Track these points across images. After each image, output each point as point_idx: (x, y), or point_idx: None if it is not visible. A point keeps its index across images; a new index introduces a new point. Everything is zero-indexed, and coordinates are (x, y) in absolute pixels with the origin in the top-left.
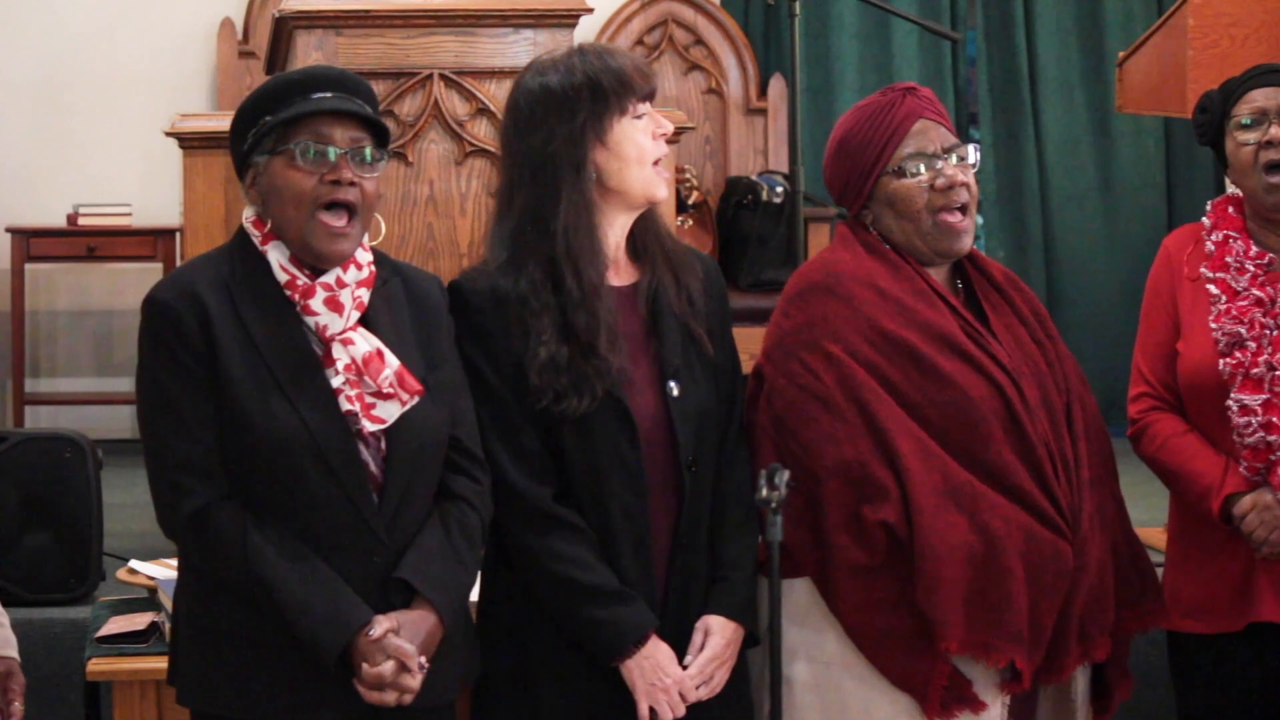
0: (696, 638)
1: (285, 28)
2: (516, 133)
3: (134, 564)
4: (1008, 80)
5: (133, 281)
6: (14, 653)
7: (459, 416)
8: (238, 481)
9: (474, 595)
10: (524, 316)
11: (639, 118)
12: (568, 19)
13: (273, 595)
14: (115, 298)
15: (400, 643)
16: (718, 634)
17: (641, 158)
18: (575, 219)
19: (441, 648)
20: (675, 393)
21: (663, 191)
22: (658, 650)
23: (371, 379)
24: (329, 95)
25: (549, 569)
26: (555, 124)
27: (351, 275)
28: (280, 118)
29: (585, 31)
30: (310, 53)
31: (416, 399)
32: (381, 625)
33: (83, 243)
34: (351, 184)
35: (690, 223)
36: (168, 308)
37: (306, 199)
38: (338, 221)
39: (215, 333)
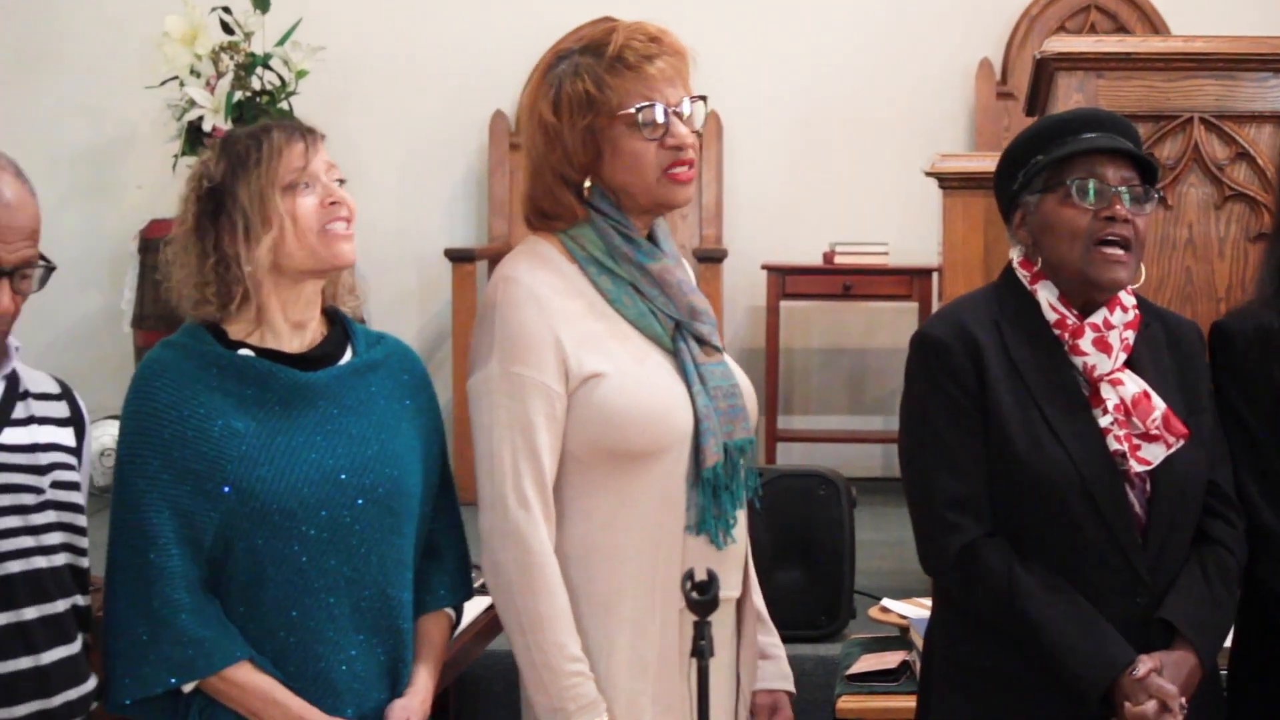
0: None
1: (1046, 69)
2: None
3: (886, 602)
4: None
5: (888, 321)
6: (789, 686)
7: (1217, 461)
8: (1002, 518)
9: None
10: None
11: None
12: None
13: (1036, 632)
14: (870, 336)
15: (1163, 683)
16: None
17: None
18: None
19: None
20: None
21: None
22: None
23: (1140, 420)
24: (1097, 135)
25: None
26: None
27: (1118, 317)
28: (1053, 156)
29: None
30: (1071, 94)
31: (1181, 442)
32: (1145, 665)
33: (838, 281)
34: (1125, 220)
35: None
36: (941, 344)
37: (1081, 235)
38: (1115, 251)
39: (987, 370)
